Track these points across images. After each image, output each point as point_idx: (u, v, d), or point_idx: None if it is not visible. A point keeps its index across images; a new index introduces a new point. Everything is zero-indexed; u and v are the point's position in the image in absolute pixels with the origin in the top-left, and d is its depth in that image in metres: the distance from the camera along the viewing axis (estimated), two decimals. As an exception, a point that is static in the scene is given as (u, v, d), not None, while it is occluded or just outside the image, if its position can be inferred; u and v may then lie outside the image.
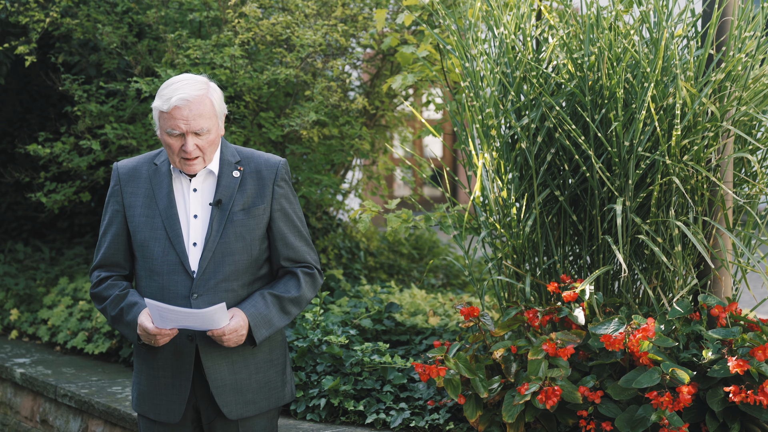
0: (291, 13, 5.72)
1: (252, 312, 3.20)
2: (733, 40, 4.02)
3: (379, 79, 6.69)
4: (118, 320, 3.26)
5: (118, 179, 3.32)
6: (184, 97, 3.12)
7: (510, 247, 4.34)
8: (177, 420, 3.28)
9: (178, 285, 3.21)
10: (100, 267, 3.35)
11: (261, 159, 3.32)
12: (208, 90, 3.19)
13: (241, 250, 3.24)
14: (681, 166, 3.97)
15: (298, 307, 3.31)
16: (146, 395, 3.33)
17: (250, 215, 3.25)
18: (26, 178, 6.80)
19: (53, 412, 5.35)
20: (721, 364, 3.64)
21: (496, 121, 4.28)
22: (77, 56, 6.51)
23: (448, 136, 7.97)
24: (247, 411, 3.29)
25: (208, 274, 3.21)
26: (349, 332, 4.76)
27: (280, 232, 3.30)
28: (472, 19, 4.41)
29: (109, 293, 3.28)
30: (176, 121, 3.13)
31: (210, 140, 3.19)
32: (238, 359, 3.27)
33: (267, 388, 3.34)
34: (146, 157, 3.35)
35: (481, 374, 3.87)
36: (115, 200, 3.31)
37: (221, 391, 3.25)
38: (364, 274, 6.93)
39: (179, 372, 3.25)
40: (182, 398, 3.26)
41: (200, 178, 3.27)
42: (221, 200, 3.24)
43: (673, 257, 4.05)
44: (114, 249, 3.32)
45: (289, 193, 3.33)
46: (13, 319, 6.38)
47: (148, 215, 3.26)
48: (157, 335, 3.13)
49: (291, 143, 6.16)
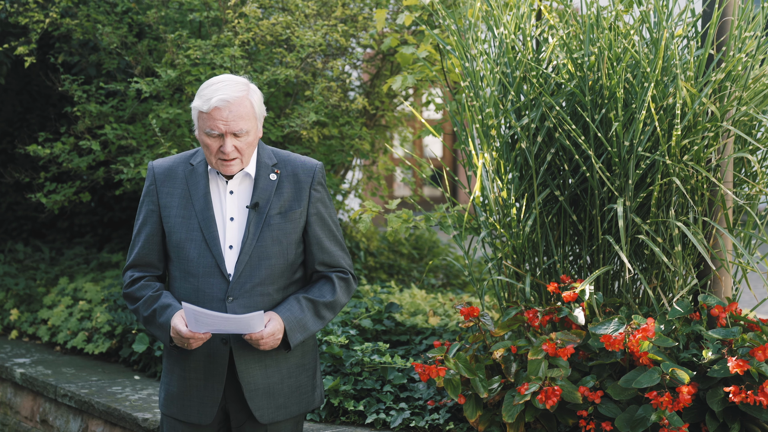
0: (291, 14, 5.72)
1: (287, 316, 3.17)
2: (733, 40, 4.02)
3: (379, 79, 6.69)
4: (150, 321, 3.23)
5: (154, 179, 3.28)
6: (224, 98, 3.10)
7: (510, 247, 4.34)
8: (209, 422, 3.25)
9: (214, 287, 3.19)
10: (134, 267, 3.31)
11: (298, 162, 3.29)
12: (249, 92, 3.17)
13: (277, 254, 3.21)
14: (681, 166, 3.97)
15: (333, 312, 3.28)
16: (175, 396, 3.30)
17: (287, 219, 3.22)
18: (26, 178, 6.79)
19: (53, 412, 5.35)
20: (721, 364, 3.63)
21: (496, 121, 4.28)
22: (77, 56, 6.51)
23: (448, 136, 7.98)
24: (278, 415, 3.27)
25: (244, 277, 3.19)
26: (349, 332, 4.77)
27: (315, 236, 3.27)
28: (472, 19, 4.41)
29: (142, 294, 3.25)
30: (215, 122, 3.11)
31: (248, 142, 3.16)
32: (271, 363, 3.24)
33: (298, 392, 3.31)
34: (182, 157, 3.32)
35: (481, 374, 3.87)
36: (150, 200, 3.27)
37: (254, 395, 3.22)
38: (364, 274, 6.93)
39: (212, 375, 3.23)
40: (214, 400, 3.24)
41: (237, 181, 3.23)
42: (258, 203, 3.21)
43: (673, 257, 4.05)
44: (148, 249, 3.29)
45: (325, 197, 3.30)
46: (13, 319, 6.38)
47: (185, 216, 3.23)
48: (190, 339, 3.10)
49: (291, 144, 6.16)
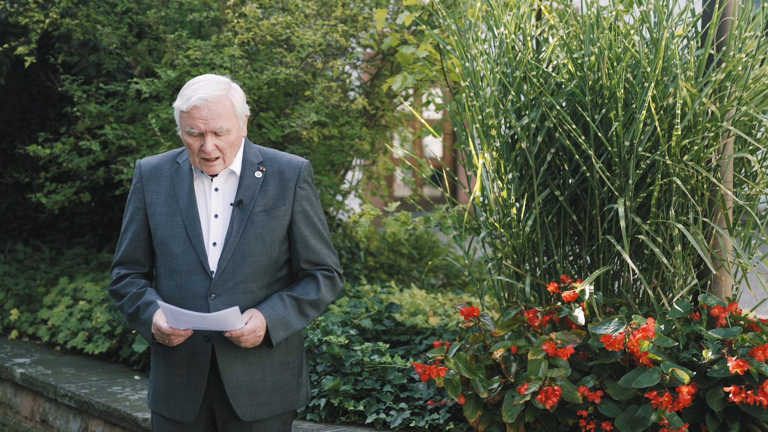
0: (291, 14, 5.72)
1: (270, 313, 3.18)
2: (733, 40, 4.02)
3: (379, 79, 6.69)
4: (134, 318, 3.26)
5: (140, 177, 3.31)
6: (203, 96, 3.12)
7: (510, 247, 4.33)
8: (191, 419, 3.27)
9: (197, 284, 3.20)
10: (120, 264, 3.34)
11: (284, 160, 3.31)
12: (229, 91, 3.19)
13: (260, 252, 3.22)
14: (681, 166, 3.97)
15: (317, 309, 3.29)
16: (161, 393, 3.32)
17: (271, 216, 3.23)
18: (26, 178, 6.79)
19: (53, 412, 5.35)
20: (721, 364, 3.63)
21: (496, 121, 4.27)
22: (77, 56, 6.51)
23: (448, 136, 7.97)
24: (261, 413, 3.28)
25: (227, 274, 3.20)
26: (349, 332, 4.76)
27: (300, 234, 3.28)
28: (472, 19, 4.41)
29: (126, 291, 3.28)
30: (195, 121, 3.13)
31: (230, 141, 3.18)
32: (254, 361, 3.25)
33: (282, 390, 3.32)
34: (169, 155, 3.34)
35: (481, 374, 3.87)
36: (136, 197, 3.30)
37: (236, 393, 3.24)
38: (364, 274, 6.93)
39: (195, 372, 3.25)
40: (197, 398, 3.25)
41: (222, 178, 3.25)
42: (242, 201, 3.22)
43: (673, 257, 4.04)
44: (134, 246, 3.31)
45: (311, 195, 3.31)
46: (13, 319, 6.38)
47: (169, 213, 3.25)
48: (171, 335, 3.12)
49: (291, 144, 6.16)
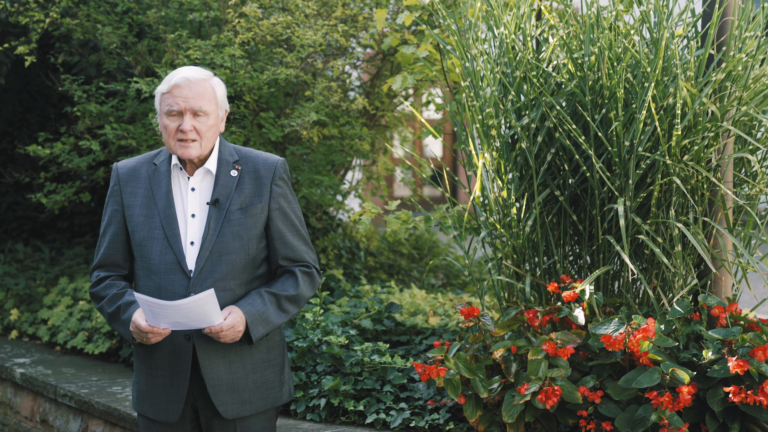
0: (291, 13, 5.72)
1: (249, 309, 3.20)
2: (733, 40, 4.02)
3: (379, 79, 6.69)
4: (114, 318, 3.28)
5: (118, 179, 3.34)
6: (185, 76, 3.18)
7: (510, 247, 4.33)
8: (175, 419, 3.28)
9: (175, 284, 3.22)
10: (100, 267, 3.36)
11: (259, 158, 3.33)
12: (212, 79, 3.25)
13: (238, 249, 3.24)
14: (681, 166, 3.97)
15: (296, 305, 3.31)
16: (145, 395, 3.34)
17: (248, 214, 3.25)
18: (26, 178, 6.79)
19: (53, 412, 5.35)
20: (721, 364, 3.63)
21: (496, 121, 4.27)
22: (77, 56, 6.51)
23: (448, 136, 7.96)
24: (243, 411, 3.29)
25: (205, 273, 3.22)
26: (349, 332, 4.76)
27: (278, 231, 3.30)
28: (472, 19, 4.41)
29: (106, 293, 3.30)
30: (175, 99, 3.17)
31: (209, 125, 3.21)
32: (235, 359, 3.27)
33: (264, 388, 3.34)
34: (146, 157, 3.36)
35: (481, 374, 3.87)
36: (114, 200, 3.33)
37: (217, 391, 3.25)
38: (364, 274, 6.93)
39: (177, 371, 3.26)
40: (180, 397, 3.27)
41: (198, 178, 3.28)
42: (218, 199, 3.24)
43: (673, 257, 4.04)
44: (113, 249, 3.34)
45: (287, 192, 3.33)
46: (13, 319, 6.38)
47: (147, 215, 3.27)
48: (149, 333, 3.13)
49: (291, 144, 6.16)
